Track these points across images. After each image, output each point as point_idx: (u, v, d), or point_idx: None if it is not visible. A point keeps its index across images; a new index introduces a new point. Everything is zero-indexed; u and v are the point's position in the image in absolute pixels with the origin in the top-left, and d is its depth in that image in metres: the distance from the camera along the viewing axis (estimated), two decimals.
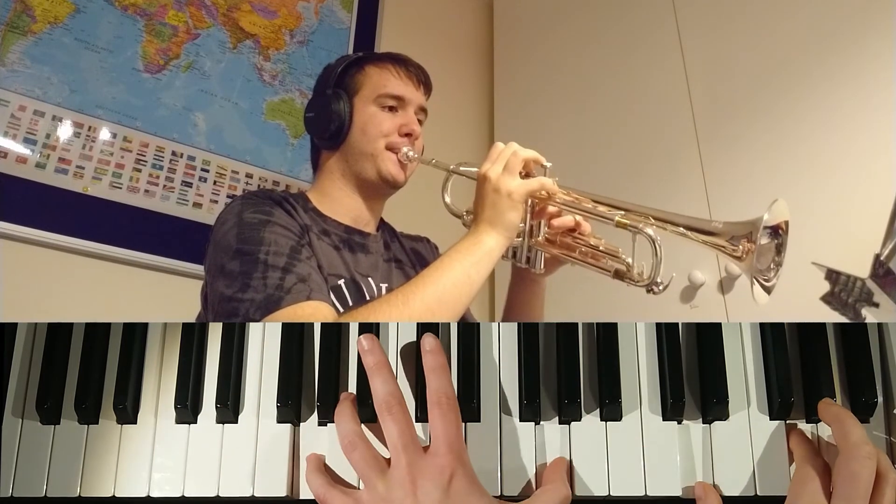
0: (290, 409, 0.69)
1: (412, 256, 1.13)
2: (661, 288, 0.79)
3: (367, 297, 0.95)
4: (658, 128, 1.69)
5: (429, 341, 0.66)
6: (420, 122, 1.07)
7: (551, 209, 0.92)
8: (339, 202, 1.04)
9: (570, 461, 0.68)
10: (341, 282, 0.93)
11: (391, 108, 1.03)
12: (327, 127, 1.02)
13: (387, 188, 1.05)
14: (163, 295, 1.44)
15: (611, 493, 0.66)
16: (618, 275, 0.84)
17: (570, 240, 0.93)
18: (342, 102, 1.02)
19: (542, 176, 0.88)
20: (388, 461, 0.61)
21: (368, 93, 1.03)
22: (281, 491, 0.67)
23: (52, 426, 0.70)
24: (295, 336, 0.72)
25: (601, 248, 0.90)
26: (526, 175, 0.88)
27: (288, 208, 0.93)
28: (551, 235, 0.93)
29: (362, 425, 0.66)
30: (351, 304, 0.92)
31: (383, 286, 1.01)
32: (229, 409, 0.69)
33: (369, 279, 0.99)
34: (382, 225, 1.14)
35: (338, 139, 1.03)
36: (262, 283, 0.79)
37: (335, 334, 0.72)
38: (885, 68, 1.30)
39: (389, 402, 0.62)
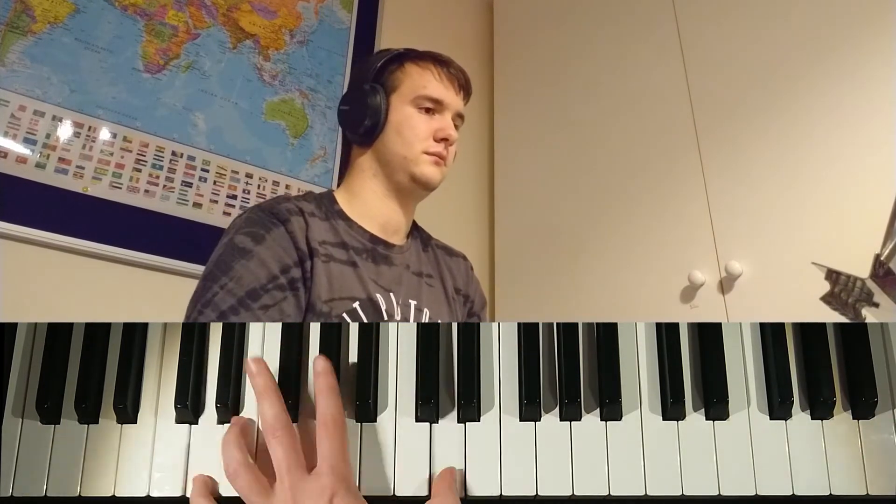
0: (290, 408, 0.69)
1: (445, 273, 1.09)
2: None
3: (385, 316, 0.92)
4: (658, 128, 1.69)
5: (320, 363, 0.68)
6: (456, 127, 1.03)
7: None
8: (369, 204, 1.00)
9: (571, 460, 0.68)
10: (356, 304, 0.90)
11: (428, 111, 1.00)
12: (362, 122, 0.99)
13: (419, 190, 1.01)
14: (163, 295, 1.44)
15: (611, 493, 0.66)
16: None
17: None
18: (379, 98, 0.99)
19: None
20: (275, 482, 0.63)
21: (407, 92, 1.00)
22: None
23: (52, 426, 0.70)
24: (294, 336, 0.72)
25: None
26: None
27: (293, 228, 0.89)
28: None
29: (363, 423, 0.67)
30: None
31: (412, 302, 0.98)
32: (229, 409, 0.69)
33: (391, 294, 0.95)
34: (416, 232, 1.09)
35: (372, 136, 0.99)
36: (196, 316, 0.81)
37: (335, 335, 0.72)
38: (885, 66, 1.30)
39: (275, 425, 0.64)
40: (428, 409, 0.69)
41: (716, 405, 0.68)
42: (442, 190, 1.07)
